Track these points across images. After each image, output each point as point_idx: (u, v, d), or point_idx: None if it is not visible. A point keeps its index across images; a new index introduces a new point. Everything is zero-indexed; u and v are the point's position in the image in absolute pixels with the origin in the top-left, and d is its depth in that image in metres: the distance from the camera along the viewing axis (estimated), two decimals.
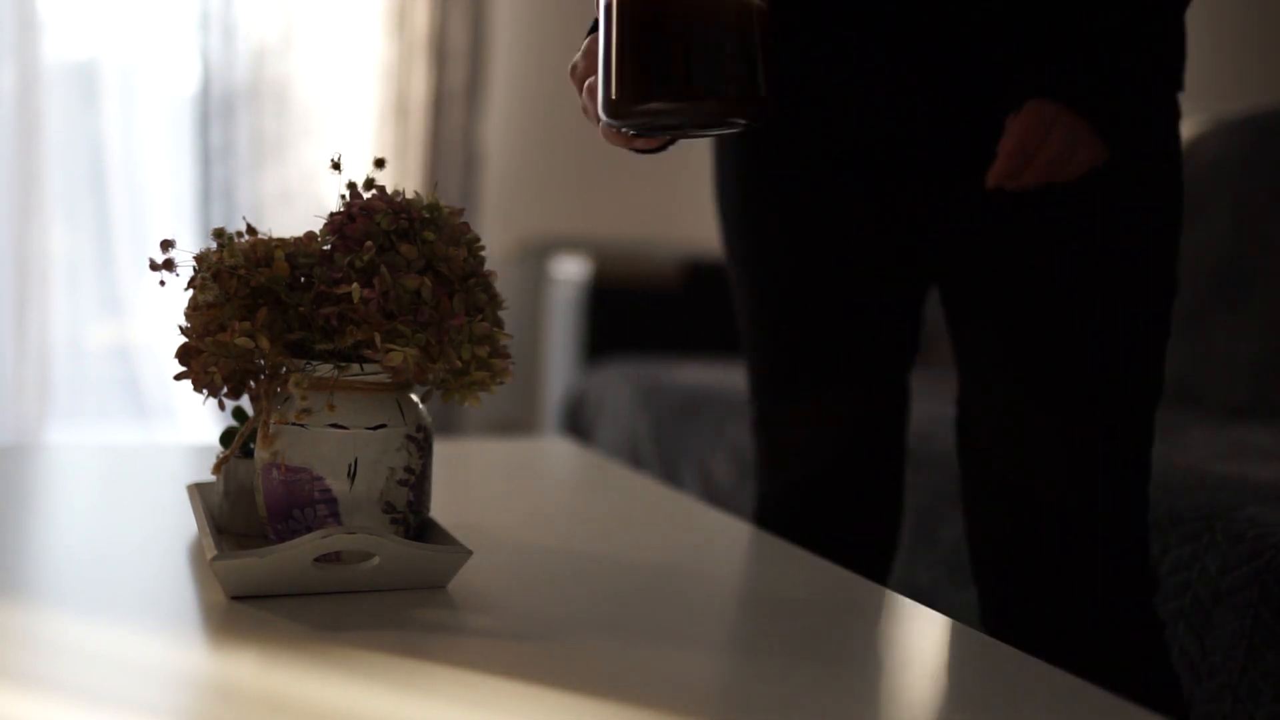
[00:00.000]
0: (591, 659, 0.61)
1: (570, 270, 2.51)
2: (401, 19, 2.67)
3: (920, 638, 0.71)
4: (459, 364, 0.69)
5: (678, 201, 3.08)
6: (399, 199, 0.70)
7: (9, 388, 2.40)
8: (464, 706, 0.53)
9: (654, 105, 0.60)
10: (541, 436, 2.59)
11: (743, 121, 0.62)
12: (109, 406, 2.63)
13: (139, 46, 2.56)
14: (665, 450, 1.85)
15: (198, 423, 2.60)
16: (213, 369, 0.68)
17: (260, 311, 0.67)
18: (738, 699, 0.56)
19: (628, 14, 0.61)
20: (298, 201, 2.63)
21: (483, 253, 0.72)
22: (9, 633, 0.61)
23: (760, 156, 0.98)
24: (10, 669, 0.56)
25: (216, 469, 0.77)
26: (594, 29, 0.78)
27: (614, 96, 0.62)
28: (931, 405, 1.62)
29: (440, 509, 0.94)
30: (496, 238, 2.85)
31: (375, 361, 0.67)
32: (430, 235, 0.68)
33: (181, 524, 0.83)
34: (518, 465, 1.16)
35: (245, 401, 2.31)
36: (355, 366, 0.68)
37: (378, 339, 0.65)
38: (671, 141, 0.77)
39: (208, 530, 0.72)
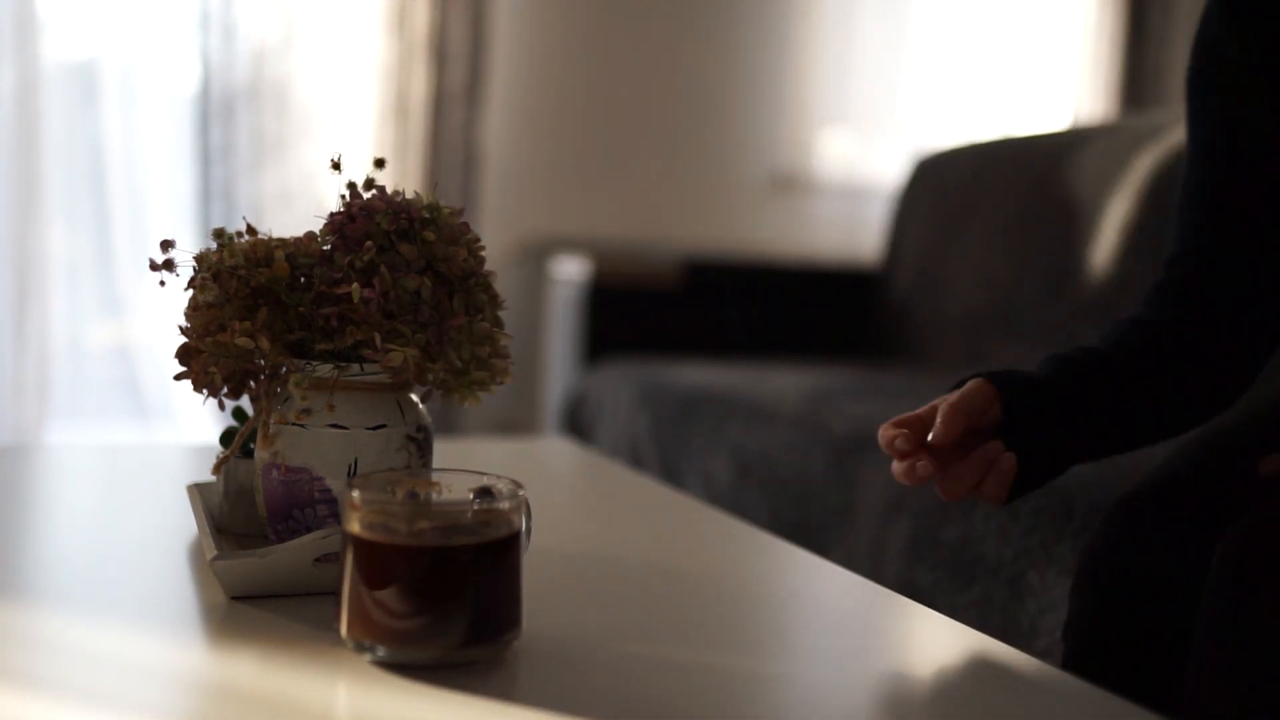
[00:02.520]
0: (592, 658, 0.61)
1: (570, 270, 2.51)
2: (401, 19, 2.67)
3: (921, 638, 0.71)
4: (459, 364, 0.69)
5: (678, 201, 3.08)
6: (399, 199, 0.70)
7: (8, 388, 2.40)
8: (465, 707, 0.53)
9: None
10: (541, 436, 2.59)
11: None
12: (109, 407, 2.62)
13: (139, 47, 2.56)
14: (665, 450, 1.85)
15: (198, 423, 2.60)
16: (213, 369, 0.68)
17: (260, 312, 0.67)
18: (738, 699, 0.56)
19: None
20: (298, 202, 2.63)
21: (483, 253, 0.72)
22: (9, 633, 0.61)
23: None
24: (10, 669, 0.56)
25: (216, 469, 0.77)
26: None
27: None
28: None
29: None
30: (496, 238, 2.85)
31: (375, 361, 0.67)
32: (430, 235, 0.68)
33: (181, 524, 0.83)
34: (518, 465, 1.16)
35: (245, 402, 2.30)
36: (355, 367, 0.68)
37: (378, 339, 0.65)
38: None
39: (207, 530, 0.72)
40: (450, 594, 0.57)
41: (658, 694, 0.56)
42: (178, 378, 0.70)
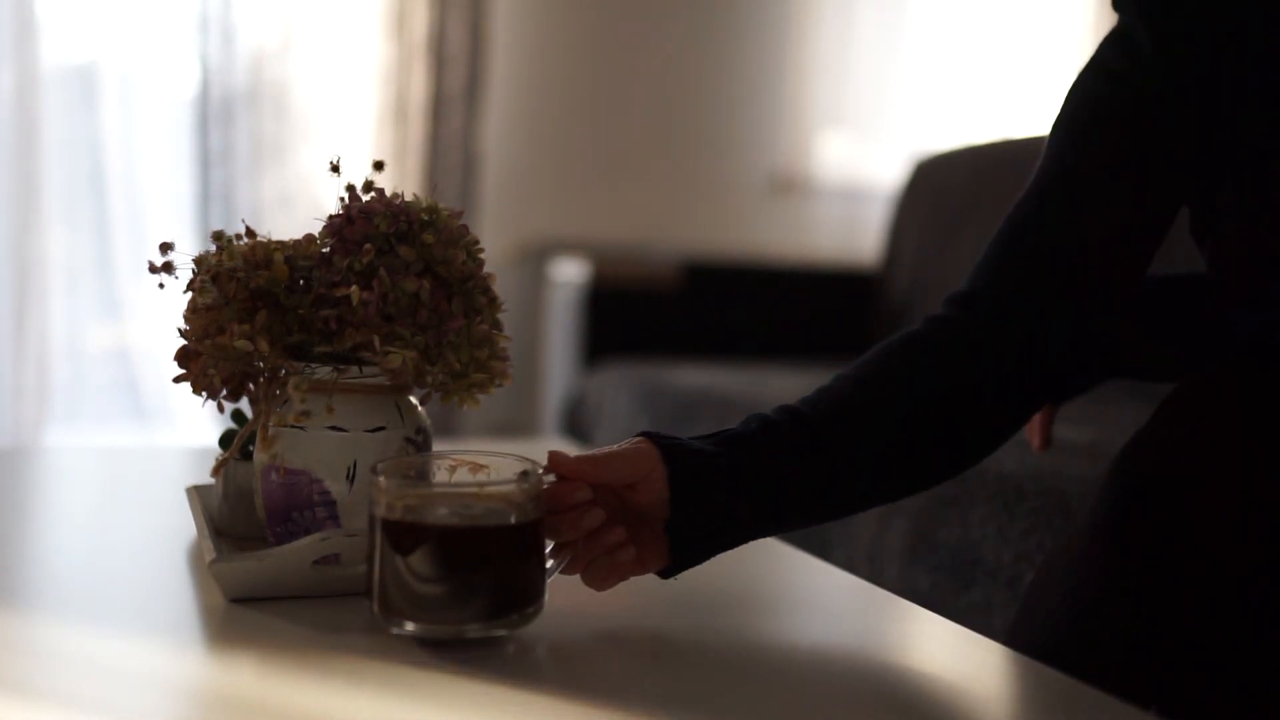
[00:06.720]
0: (592, 658, 0.61)
1: (569, 272, 2.51)
2: (400, 21, 2.67)
3: (921, 640, 0.71)
4: (457, 366, 0.69)
5: (677, 203, 3.08)
6: (398, 201, 0.70)
7: (8, 391, 2.40)
8: (465, 710, 0.53)
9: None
10: (541, 438, 2.59)
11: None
12: (108, 409, 2.62)
13: (138, 50, 2.56)
14: None
15: (197, 426, 2.60)
16: (212, 371, 0.68)
17: (259, 314, 0.67)
18: (738, 699, 0.56)
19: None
20: (297, 204, 2.63)
21: (482, 255, 0.72)
22: (8, 636, 0.61)
23: None
24: (9, 673, 0.56)
25: (216, 471, 0.77)
26: None
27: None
28: None
29: None
30: (495, 240, 2.85)
31: (374, 364, 0.67)
32: (429, 238, 0.68)
33: (181, 526, 0.83)
34: None
35: (244, 404, 2.30)
36: (354, 369, 0.68)
37: (376, 341, 0.65)
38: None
39: (207, 533, 0.72)
40: (476, 571, 0.60)
41: (657, 693, 0.56)
42: (177, 380, 0.70)
